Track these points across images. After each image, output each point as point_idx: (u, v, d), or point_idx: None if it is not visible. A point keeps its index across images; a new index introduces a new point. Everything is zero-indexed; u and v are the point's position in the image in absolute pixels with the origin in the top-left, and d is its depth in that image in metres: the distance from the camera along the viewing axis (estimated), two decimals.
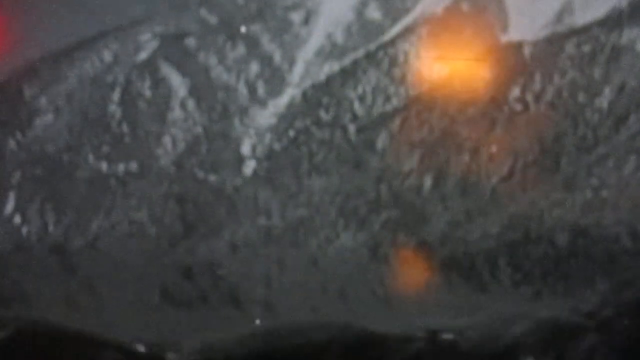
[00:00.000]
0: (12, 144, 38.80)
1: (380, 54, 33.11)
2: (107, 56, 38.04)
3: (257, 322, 16.80)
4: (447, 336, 13.47)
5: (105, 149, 36.23)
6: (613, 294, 11.37)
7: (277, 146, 33.10)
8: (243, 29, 35.59)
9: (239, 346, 15.13)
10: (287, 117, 35.18)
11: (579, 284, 13.47)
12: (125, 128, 35.86)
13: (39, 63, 39.56)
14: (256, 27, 36.85)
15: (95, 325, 16.53)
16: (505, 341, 12.27)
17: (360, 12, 34.07)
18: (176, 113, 35.26)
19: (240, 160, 34.28)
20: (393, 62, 31.91)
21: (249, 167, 32.40)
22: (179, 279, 22.39)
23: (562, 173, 21.29)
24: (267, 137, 33.62)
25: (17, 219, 35.43)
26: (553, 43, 23.47)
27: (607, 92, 21.75)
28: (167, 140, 34.10)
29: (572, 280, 13.23)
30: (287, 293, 18.46)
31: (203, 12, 37.16)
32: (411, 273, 17.04)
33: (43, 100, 39.40)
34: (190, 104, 35.27)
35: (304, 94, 35.03)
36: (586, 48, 22.71)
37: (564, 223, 17.94)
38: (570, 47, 23.21)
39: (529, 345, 10.82)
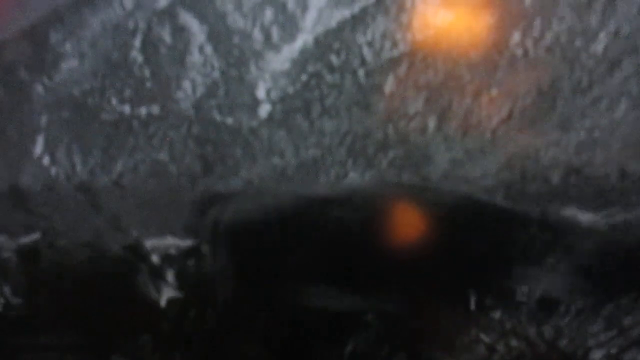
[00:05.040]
0: (39, 88, 39.50)
1: (389, 0, 33.32)
2: (128, 3, 38.74)
3: None
4: None
5: (128, 92, 36.93)
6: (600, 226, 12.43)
7: (290, 90, 33.63)
8: None
9: None
10: (300, 61, 35.57)
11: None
12: (146, 72, 36.60)
13: (63, 9, 40.44)
14: None
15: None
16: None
17: None
18: (195, 58, 35.86)
19: (255, 103, 34.93)
20: (400, 9, 32.17)
21: (264, 109, 33.15)
22: (198, 214, 23.46)
23: (557, 115, 21.82)
24: (281, 81, 34.18)
25: (46, 160, 36.43)
26: None
27: (603, 38, 22.01)
28: (186, 84, 34.81)
29: (562, 215, 14.35)
30: None
31: None
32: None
33: (68, 46, 40.12)
34: (208, 49, 35.80)
35: (316, 40, 35.38)
36: None
37: (558, 162, 18.73)
38: None
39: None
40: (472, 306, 10.37)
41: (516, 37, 20.32)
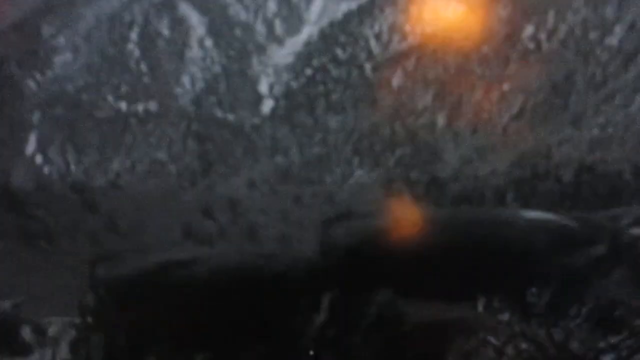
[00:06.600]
0: (31, 83, 40.46)
1: None
2: None
3: None
4: None
5: (124, 88, 37.89)
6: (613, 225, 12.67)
7: (294, 85, 34.57)
8: None
9: None
10: (305, 55, 36.41)
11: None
12: (144, 67, 37.46)
13: (56, 1, 40.91)
14: None
15: None
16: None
17: None
18: (195, 52, 36.71)
19: (258, 99, 35.81)
20: (409, 0, 32.80)
21: (267, 105, 34.06)
22: (198, 216, 24.15)
23: (570, 111, 22.74)
24: (285, 76, 35.08)
25: (39, 159, 37.13)
26: None
27: (618, 31, 22.96)
28: (186, 79, 35.58)
29: (575, 214, 14.68)
30: (303, 228, 20.04)
31: None
32: (423, 208, 18.77)
33: (61, 39, 41.05)
34: (209, 42, 36.64)
35: (321, 32, 36.27)
36: None
37: (570, 160, 19.38)
38: None
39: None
40: (480, 308, 10.17)
41: (529, 30, 20.89)
